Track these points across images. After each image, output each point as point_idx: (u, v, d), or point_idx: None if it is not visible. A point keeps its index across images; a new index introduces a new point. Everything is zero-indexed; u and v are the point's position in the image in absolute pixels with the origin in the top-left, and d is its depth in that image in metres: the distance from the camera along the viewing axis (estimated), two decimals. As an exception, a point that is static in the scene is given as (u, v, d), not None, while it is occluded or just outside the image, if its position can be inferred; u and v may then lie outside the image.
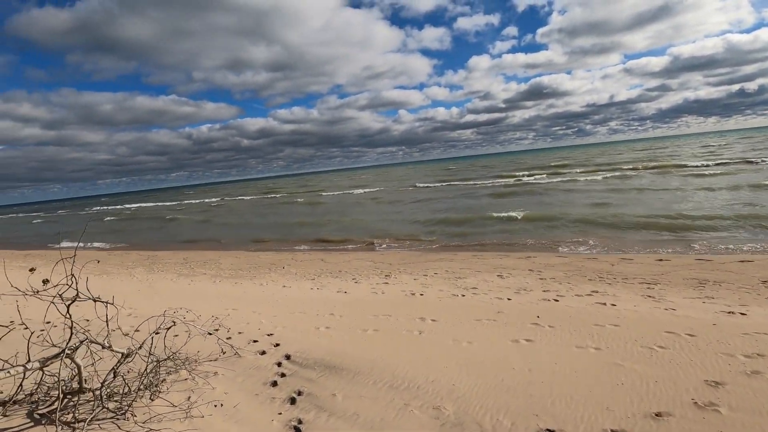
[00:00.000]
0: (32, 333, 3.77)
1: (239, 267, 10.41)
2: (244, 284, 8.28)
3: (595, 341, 4.04)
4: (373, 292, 6.95)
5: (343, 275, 8.63)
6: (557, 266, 8.18)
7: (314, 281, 8.19)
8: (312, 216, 23.00)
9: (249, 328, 5.26)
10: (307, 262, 10.60)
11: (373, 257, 10.60)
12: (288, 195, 46.10)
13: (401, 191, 34.52)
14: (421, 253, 10.87)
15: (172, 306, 6.79)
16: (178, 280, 9.12)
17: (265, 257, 11.78)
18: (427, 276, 8.02)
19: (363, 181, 65.24)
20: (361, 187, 46.98)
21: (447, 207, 20.19)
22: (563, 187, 24.32)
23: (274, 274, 9.25)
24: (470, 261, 9.28)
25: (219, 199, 52.72)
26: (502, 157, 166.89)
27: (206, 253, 13.45)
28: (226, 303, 6.76)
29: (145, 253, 14.56)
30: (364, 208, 24.88)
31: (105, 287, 8.76)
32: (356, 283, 7.76)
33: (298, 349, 4.37)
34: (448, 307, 5.65)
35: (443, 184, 37.35)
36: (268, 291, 7.51)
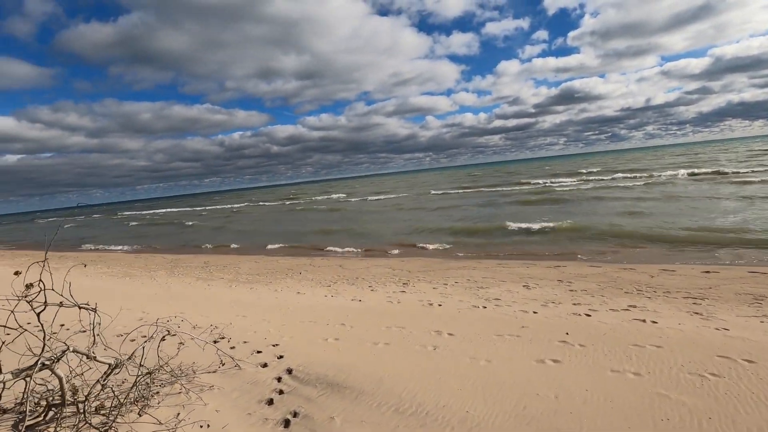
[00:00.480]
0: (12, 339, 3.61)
1: (257, 272, 10.30)
2: (258, 290, 8.11)
3: (634, 365, 3.54)
4: (389, 301, 6.60)
5: (359, 282, 8.32)
6: (589, 277, 7.58)
7: (329, 288, 7.92)
8: (332, 222, 22.90)
9: (255, 337, 5.02)
10: (324, 268, 10.37)
11: (392, 264, 10.25)
12: (311, 201, 46.45)
13: (424, 197, 34.05)
14: (443, 261, 10.43)
15: (184, 311, 6.68)
16: (195, 284, 9.07)
17: (283, 262, 11.65)
18: (447, 285, 7.59)
19: (387, 187, 65.09)
20: (384, 193, 46.80)
21: (471, 214, 19.60)
22: (594, 194, 23.22)
23: (290, 280, 9.05)
24: (494, 270, 8.77)
25: (242, 205, 53.72)
26: (532, 162, 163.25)
27: (226, 257, 13.48)
28: (238, 309, 6.58)
29: (170, 257, 14.77)
30: (387, 214, 24.59)
31: (125, 290, 8.80)
32: (372, 291, 7.43)
33: (302, 362, 4.08)
34: (468, 320, 5.22)
35: (468, 190, 36.60)
36: (281, 297, 7.30)
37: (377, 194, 44.81)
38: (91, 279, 10.64)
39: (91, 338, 3.31)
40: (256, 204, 53.50)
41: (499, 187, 36.20)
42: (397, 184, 73.46)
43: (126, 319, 6.24)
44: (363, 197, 42.51)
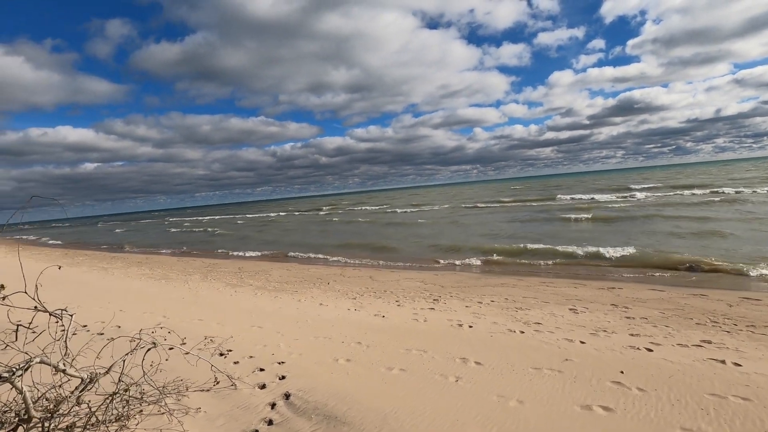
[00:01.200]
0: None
1: (286, 280, 10.07)
2: (282, 299, 7.82)
3: (713, 423, 2.73)
4: (414, 318, 6.01)
5: (386, 296, 7.79)
6: (650, 302, 6.54)
7: (354, 301, 7.45)
8: (372, 231, 22.56)
9: (263, 352, 4.64)
10: (355, 279, 9.94)
11: (425, 277, 9.62)
12: (350, 211, 46.61)
13: (465, 210, 32.95)
14: (480, 276, 9.65)
15: (203, 317, 6.48)
16: (223, 290, 8.96)
17: (314, 270, 11.38)
18: (482, 304, 6.87)
19: (431, 198, 64.21)
20: (426, 204, 46.05)
21: (514, 228, 18.47)
22: (655, 211, 21.18)
23: (317, 290, 8.69)
24: (536, 288, 7.90)
25: (277, 214, 54.94)
26: (586, 176, 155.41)
27: (261, 263, 13.46)
28: (256, 318, 6.28)
29: (208, 261, 15.05)
30: (425, 226, 23.90)
31: (155, 292, 8.86)
32: (398, 307, 6.87)
33: (304, 385, 3.61)
34: (501, 347, 4.53)
35: (515, 203, 35.02)
36: (302, 308, 6.93)
37: (418, 206, 44.17)
38: (131, 280, 10.92)
39: (68, 346, 3.03)
40: (290, 213, 54.57)
41: (548, 201, 34.31)
42: (440, 196, 72.30)
43: (142, 323, 6.12)
44: (403, 208, 42.03)
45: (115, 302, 7.99)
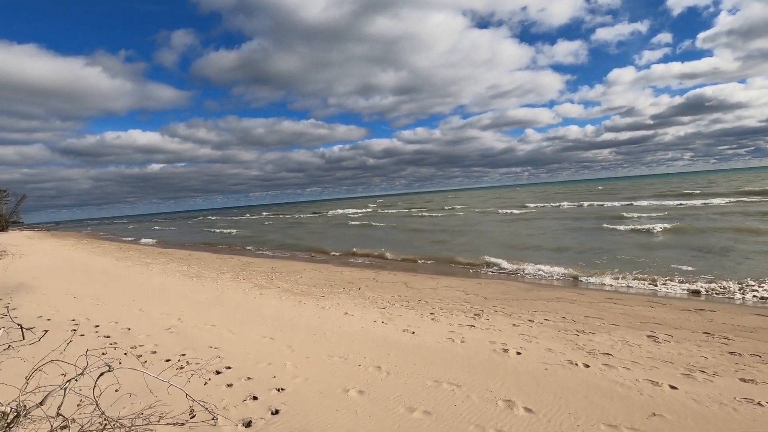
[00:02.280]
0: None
1: (315, 283, 9.44)
2: (306, 305, 7.14)
3: None
4: (450, 337, 5.05)
5: (420, 307, 6.87)
6: (758, 331, 5.11)
7: (383, 311, 6.61)
8: (416, 234, 21.61)
9: (265, 372, 3.92)
10: (388, 284, 9.10)
11: (467, 286, 8.57)
12: (395, 213, 45.82)
13: (519, 212, 31.02)
14: (531, 288, 8.44)
15: (217, 323, 5.93)
16: (249, 291, 8.48)
17: (347, 274, 10.68)
18: (533, 322, 5.75)
19: (479, 200, 62.06)
20: (478, 206, 44.34)
21: (572, 234, 16.74)
22: (729, 222, 18.41)
23: (345, 295, 7.95)
24: (601, 306, 6.62)
25: (309, 215, 55.25)
26: (651, 179, 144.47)
27: (294, 264, 13.01)
28: (270, 327, 5.62)
29: (245, 259, 14.88)
30: (474, 227, 22.56)
31: (182, 291, 8.55)
32: (432, 320, 5.93)
33: (298, 426, 2.82)
34: (558, 387, 3.48)
35: (569, 205, 32.54)
36: (324, 318, 6.19)
37: (468, 207, 42.58)
38: (165, 277, 10.82)
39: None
40: (319, 215, 54.61)
41: (607, 202, 31.49)
42: (491, 197, 69.69)
43: (154, 326, 5.67)
44: (450, 209, 40.62)
45: (141, 300, 7.73)
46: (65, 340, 5.05)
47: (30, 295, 8.35)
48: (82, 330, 5.61)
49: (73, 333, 5.54)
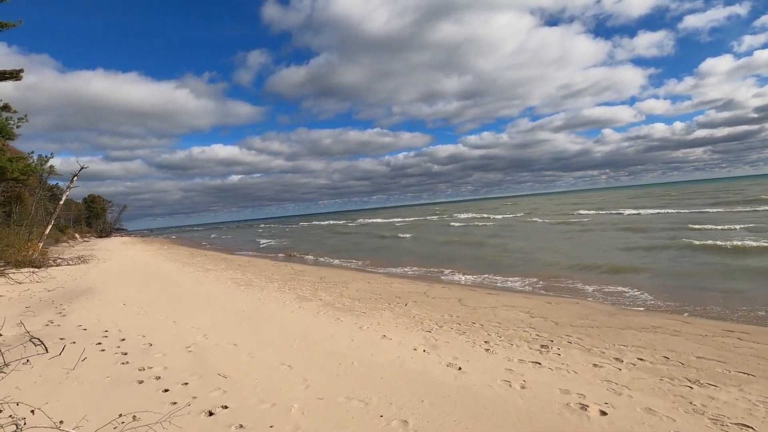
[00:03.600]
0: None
1: (361, 296, 8.67)
2: (343, 323, 6.37)
3: None
4: (506, 379, 3.92)
5: (474, 332, 5.75)
6: None
7: (428, 335, 5.60)
8: (477, 243, 20.13)
9: (262, 419, 3.16)
10: (440, 300, 8.04)
11: (533, 305, 7.22)
12: (448, 218, 44.01)
13: (599, 217, 27.94)
14: (616, 311, 6.89)
15: (240, 342, 5.36)
16: (290, 304, 7.94)
17: (398, 286, 9.78)
18: (623, 362, 4.38)
19: (551, 205, 57.89)
20: (556, 211, 41.17)
21: (663, 246, 14.25)
22: None
23: (389, 313, 7.05)
24: (721, 342, 4.99)
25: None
26: (756, 179, 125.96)
27: (345, 273, 12.40)
28: (294, 351, 4.90)
29: (297, 267, 14.65)
30: (546, 236, 20.52)
31: (224, 302, 8.26)
32: (486, 351, 4.81)
33: None
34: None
35: (658, 211, 28.64)
36: (358, 340, 5.34)
37: (535, 214, 39.70)
38: (216, 285, 10.78)
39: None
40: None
41: (703, 208, 27.16)
42: (567, 201, 64.76)
43: (176, 343, 5.23)
44: (513, 215, 38.04)
45: (180, 310, 7.52)
46: (82, 358, 4.76)
47: (88, 300, 8.59)
48: (107, 344, 5.35)
49: (98, 346, 5.29)
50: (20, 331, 6.11)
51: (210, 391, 3.74)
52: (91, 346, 5.25)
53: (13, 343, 5.30)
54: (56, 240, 36.00)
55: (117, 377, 4.11)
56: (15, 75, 24.08)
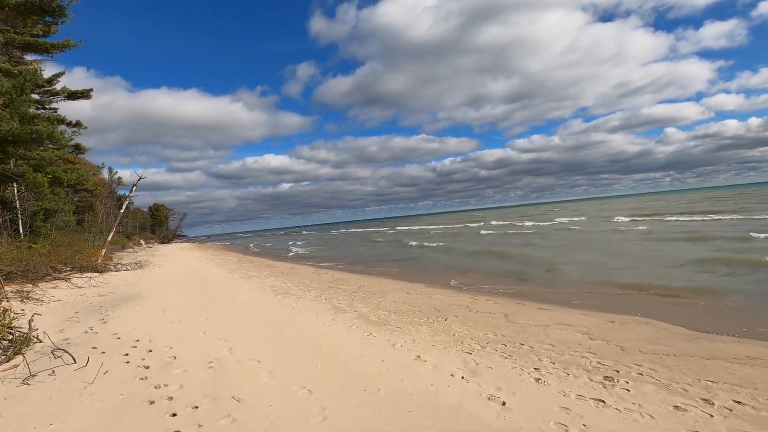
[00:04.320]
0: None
1: (397, 308, 8.14)
2: (375, 339, 5.88)
3: None
4: (561, 422, 3.22)
5: (521, 355, 5.01)
6: None
7: (469, 357, 4.95)
8: (528, 251, 18.92)
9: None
10: (484, 315, 7.31)
11: (592, 325, 6.31)
12: (495, 224, 42.13)
13: (659, 225, 25.45)
14: (697, 336, 5.81)
15: (264, 359, 5.03)
16: (323, 315, 7.58)
17: (438, 297, 9.13)
18: (714, 405, 3.50)
19: (610, 209, 54.13)
20: (625, 216, 38.44)
21: (748, 261, 12.41)
22: None
23: (426, 329, 6.46)
24: (843, 380, 3.91)
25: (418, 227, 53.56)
26: None
27: (384, 283, 11.91)
28: (316, 373, 4.48)
29: (338, 275, 14.38)
30: (608, 244, 18.89)
31: (257, 310, 8.08)
32: (536, 382, 4.09)
33: None
34: None
35: (737, 217, 25.58)
36: (389, 361, 4.82)
37: (606, 219, 37.17)
38: (256, 293, 10.73)
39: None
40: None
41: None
42: (628, 206, 60.28)
43: (199, 356, 4.99)
44: (591, 221, 35.70)
45: (214, 320, 7.41)
46: (104, 371, 4.64)
47: (131, 307, 8.78)
48: (134, 355, 5.23)
49: (125, 357, 5.19)
50: (61, 338, 6.22)
51: (219, 418, 3.39)
52: (118, 357, 5.16)
53: (48, 351, 5.34)
54: (122, 246, 38.78)
55: (130, 395, 3.89)
56: (86, 94, 26.11)
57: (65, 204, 27.37)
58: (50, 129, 8.20)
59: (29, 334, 5.48)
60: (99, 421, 3.38)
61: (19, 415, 3.46)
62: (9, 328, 5.56)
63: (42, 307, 8.85)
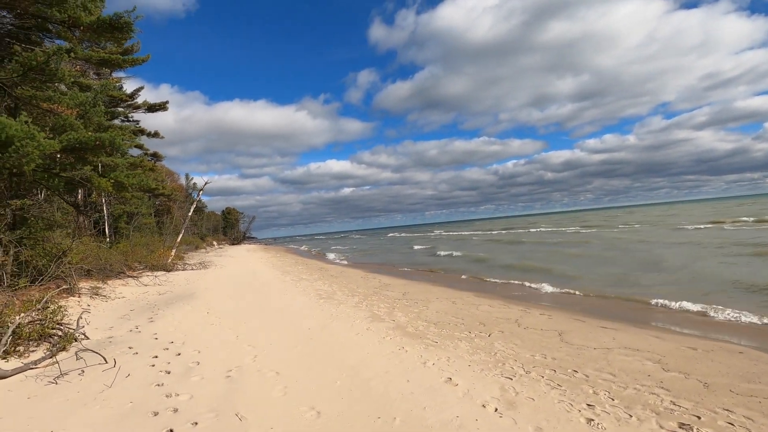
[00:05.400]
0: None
1: (438, 319, 7.54)
2: (407, 354, 5.37)
3: None
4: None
5: (574, 386, 4.22)
6: None
7: (509, 383, 4.27)
8: (603, 258, 17.21)
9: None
10: (534, 332, 6.49)
11: (666, 351, 5.25)
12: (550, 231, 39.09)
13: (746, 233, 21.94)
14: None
15: (282, 370, 4.78)
16: (358, 325, 7.23)
17: (485, 309, 8.37)
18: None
19: (701, 212, 48.34)
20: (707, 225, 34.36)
21: None
22: None
23: (465, 345, 5.82)
24: None
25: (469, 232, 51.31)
26: None
27: (430, 290, 11.30)
28: (333, 391, 4.10)
29: (386, 280, 14.01)
30: (690, 251, 16.64)
31: (297, 314, 7.94)
32: (588, 424, 3.34)
33: None
34: None
35: None
36: (415, 382, 4.30)
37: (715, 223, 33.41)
38: (300, 297, 10.70)
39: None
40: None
41: None
42: (717, 211, 53.46)
43: (224, 363, 4.85)
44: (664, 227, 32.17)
45: (251, 322, 7.40)
46: (126, 374, 4.65)
47: (181, 307, 9.11)
48: (162, 358, 5.25)
49: (153, 359, 5.22)
50: (106, 336, 6.49)
51: (214, 439, 3.13)
52: (147, 359, 5.20)
53: (88, 348, 5.54)
54: (196, 246, 41.87)
55: (138, 404, 3.79)
56: (162, 106, 28.44)
57: (145, 207, 30.04)
58: (111, 137, 8.73)
59: (74, 333, 5.74)
60: (98, 430, 3.28)
61: (29, 417, 3.48)
62: (59, 325, 5.88)
63: (106, 303, 9.50)
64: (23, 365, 4.69)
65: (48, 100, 9.37)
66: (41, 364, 4.84)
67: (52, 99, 9.38)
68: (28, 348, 5.26)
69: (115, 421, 3.44)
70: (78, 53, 11.15)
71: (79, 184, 9.66)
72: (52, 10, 9.25)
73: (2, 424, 3.39)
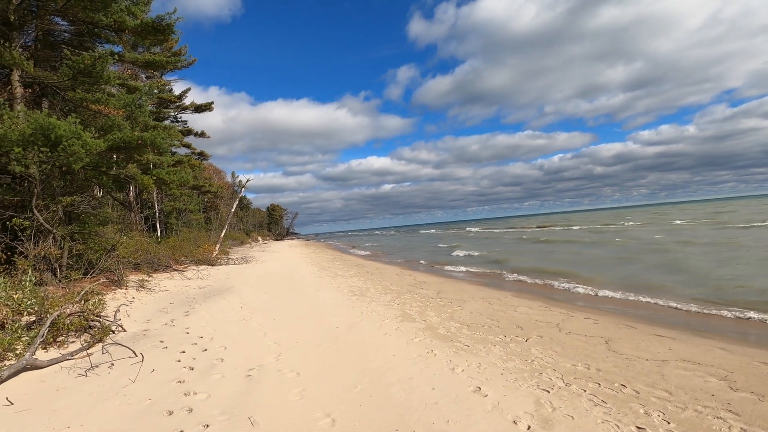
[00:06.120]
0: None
1: (472, 321, 7.14)
2: (435, 358, 5.06)
3: None
4: None
5: (621, 403, 3.73)
6: None
7: (543, 398, 3.85)
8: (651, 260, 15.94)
9: None
10: (577, 338, 5.94)
11: (735, 367, 4.56)
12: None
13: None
14: None
15: (302, 371, 4.63)
16: (386, 324, 6.98)
17: (523, 311, 7.84)
18: None
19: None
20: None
21: None
22: None
23: (500, 350, 5.41)
24: None
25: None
26: None
27: (466, 289, 10.83)
28: (350, 397, 3.89)
29: (421, 277, 13.68)
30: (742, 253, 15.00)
31: (324, 312, 7.84)
32: (637, 453, 2.88)
33: None
34: None
35: None
36: (441, 391, 3.99)
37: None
38: (332, 294, 10.64)
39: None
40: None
41: None
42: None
43: (250, 359, 4.79)
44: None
45: (280, 319, 7.37)
46: (151, 369, 4.69)
47: (217, 301, 9.30)
48: (189, 353, 5.28)
49: (180, 354, 5.26)
50: (142, 328, 6.68)
51: (222, 444, 3.01)
52: (175, 353, 5.25)
53: (124, 340, 5.70)
54: (241, 242, 43.51)
55: (155, 401, 3.77)
56: (208, 107, 29.59)
57: (194, 204, 31.49)
58: (153, 136, 9.04)
59: (110, 325, 5.93)
60: (111, 429, 3.26)
61: (53, 410, 3.54)
62: (97, 317, 6.10)
63: (150, 296, 9.91)
64: (60, 356, 4.86)
65: (96, 102, 9.86)
66: (77, 356, 5.01)
67: (100, 101, 9.87)
68: (68, 339, 5.49)
69: (130, 419, 3.42)
70: (125, 56, 11.71)
71: (125, 181, 10.13)
72: (98, 15, 9.71)
73: (26, 416, 3.47)
